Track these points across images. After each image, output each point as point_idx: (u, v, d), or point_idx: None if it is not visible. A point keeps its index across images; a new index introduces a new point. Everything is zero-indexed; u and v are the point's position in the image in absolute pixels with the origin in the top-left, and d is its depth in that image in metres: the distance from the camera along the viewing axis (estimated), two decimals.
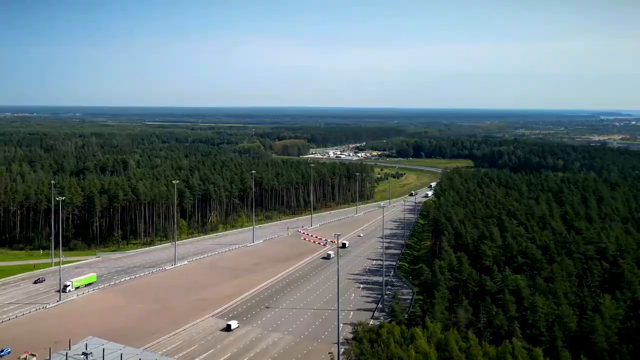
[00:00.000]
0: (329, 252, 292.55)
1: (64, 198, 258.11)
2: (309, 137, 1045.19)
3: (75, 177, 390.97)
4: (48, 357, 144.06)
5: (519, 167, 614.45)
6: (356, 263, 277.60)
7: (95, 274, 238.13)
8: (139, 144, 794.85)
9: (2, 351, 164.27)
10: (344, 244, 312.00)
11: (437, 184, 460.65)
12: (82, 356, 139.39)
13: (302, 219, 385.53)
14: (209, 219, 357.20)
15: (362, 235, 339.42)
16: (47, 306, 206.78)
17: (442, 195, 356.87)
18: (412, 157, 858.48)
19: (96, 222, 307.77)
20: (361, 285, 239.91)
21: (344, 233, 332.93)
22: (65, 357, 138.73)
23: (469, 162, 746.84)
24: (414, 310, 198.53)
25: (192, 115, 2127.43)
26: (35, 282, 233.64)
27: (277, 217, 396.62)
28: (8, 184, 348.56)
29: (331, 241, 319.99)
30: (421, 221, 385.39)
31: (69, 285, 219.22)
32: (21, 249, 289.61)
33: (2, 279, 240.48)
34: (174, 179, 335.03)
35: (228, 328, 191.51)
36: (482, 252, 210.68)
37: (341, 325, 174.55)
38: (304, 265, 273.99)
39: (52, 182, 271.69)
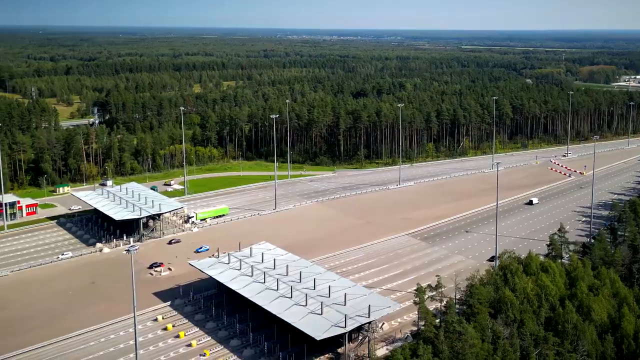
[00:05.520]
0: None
1: (277, 116, 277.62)
2: (628, 63, 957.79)
3: (335, 98, 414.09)
4: (217, 256, 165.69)
5: None
6: (594, 196, 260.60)
7: (227, 206, 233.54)
8: (437, 68, 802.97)
9: (201, 248, 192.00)
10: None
11: None
12: (242, 256, 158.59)
13: (562, 149, 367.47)
14: (460, 144, 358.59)
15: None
16: (262, 213, 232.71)
17: None
18: None
19: (341, 141, 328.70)
20: (583, 218, 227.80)
21: (599, 165, 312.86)
22: (227, 257, 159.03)
23: None
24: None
25: (522, 39, 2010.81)
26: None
27: (536, 145, 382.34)
28: (273, 103, 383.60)
29: (580, 172, 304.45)
30: None
31: (192, 217, 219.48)
32: (273, 161, 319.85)
33: (242, 186, 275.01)
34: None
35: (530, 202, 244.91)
36: None
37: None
38: (533, 194, 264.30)
39: (287, 101, 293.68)
